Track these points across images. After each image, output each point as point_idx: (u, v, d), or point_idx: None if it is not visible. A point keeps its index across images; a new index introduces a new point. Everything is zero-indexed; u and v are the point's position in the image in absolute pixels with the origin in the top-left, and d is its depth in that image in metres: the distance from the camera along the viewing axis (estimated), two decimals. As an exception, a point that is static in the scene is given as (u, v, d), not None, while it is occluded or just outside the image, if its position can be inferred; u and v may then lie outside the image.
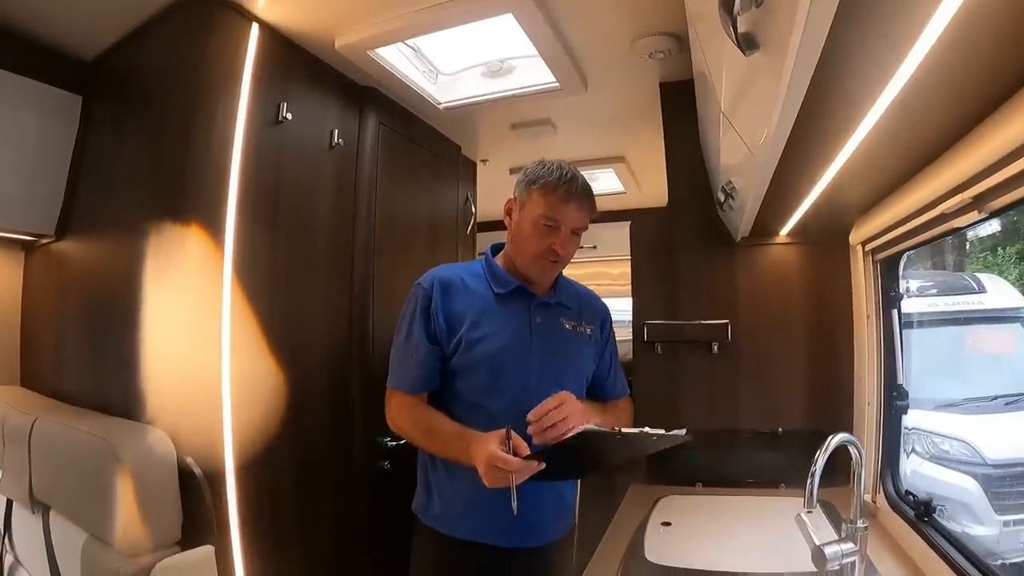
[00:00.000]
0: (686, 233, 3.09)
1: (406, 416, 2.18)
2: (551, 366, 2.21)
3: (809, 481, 1.53)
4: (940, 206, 1.64)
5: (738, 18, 0.92)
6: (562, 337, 2.29)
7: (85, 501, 2.20)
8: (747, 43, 1.00)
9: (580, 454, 1.93)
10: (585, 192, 2.15)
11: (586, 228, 2.22)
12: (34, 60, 2.74)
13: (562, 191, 2.11)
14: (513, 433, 1.83)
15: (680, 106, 2.97)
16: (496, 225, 6.08)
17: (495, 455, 1.77)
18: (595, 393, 2.42)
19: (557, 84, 2.99)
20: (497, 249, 2.40)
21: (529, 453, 1.80)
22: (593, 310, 2.46)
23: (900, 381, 2.42)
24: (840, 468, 2.57)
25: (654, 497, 2.68)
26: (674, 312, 3.06)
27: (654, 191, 4.50)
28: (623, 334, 5.18)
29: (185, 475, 2.13)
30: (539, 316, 2.25)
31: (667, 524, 2.37)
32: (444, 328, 2.16)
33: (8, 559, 2.81)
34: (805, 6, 0.77)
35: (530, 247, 2.17)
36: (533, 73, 3.02)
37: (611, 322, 2.55)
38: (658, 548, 2.13)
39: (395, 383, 2.22)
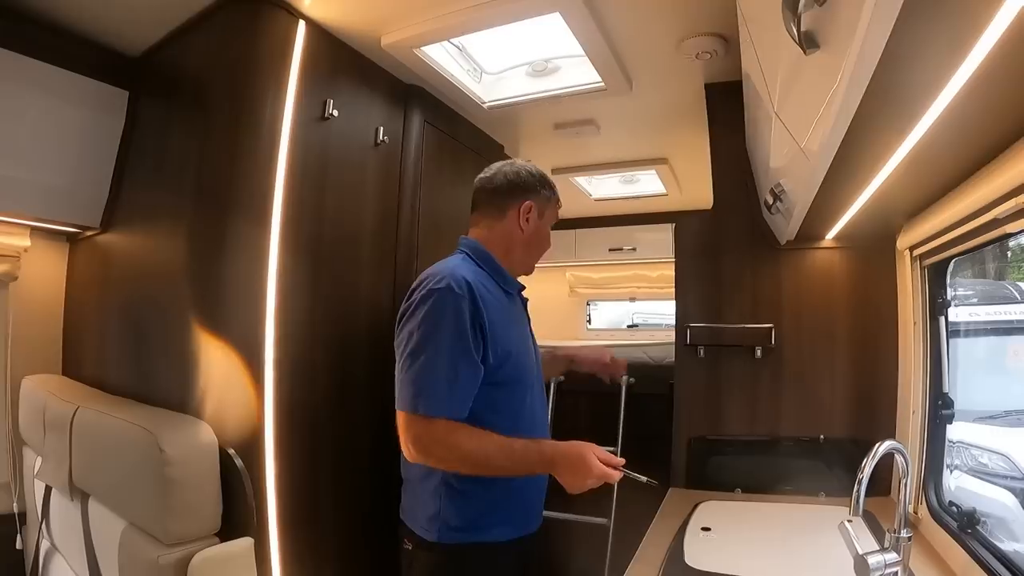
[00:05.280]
0: (731, 236, 3.05)
1: (461, 443, 1.88)
2: (538, 358, 2.35)
3: (856, 488, 1.51)
4: (993, 211, 1.61)
5: (801, 17, 0.91)
6: (531, 329, 2.39)
7: (125, 490, 2.23)
8: (808, 42, 0.99)
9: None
10: None
11: None
12: (81, 55, 2.80)
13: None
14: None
15: (726, 108, 2.94)
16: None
17: (600, 454, 1.91)
18: None
19: (602, 84, 2.98)
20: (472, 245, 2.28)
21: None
22: None
23: (946, 389, 2.39)
24: (880, 477, 2.55)
25: (693, 502, 2.65)
26: (717, 315, 3.03)
27: (695, 194, 4.49)
28: (661, 337, 5.18)
29: (226, 466, 2.15)
30: (528, 314, 2.39)
31: (707, 529, 2.34)
32: (492, 342, 2.00)
33: (44, 545, 2.87)
34: (871, 4, 0.76)
35: (541, 250, 2.33)
36: (578, 73, 3.01)
37: None
38: (698, 553, 2.10)
39: (438, 409, 1.88)
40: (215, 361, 2.26)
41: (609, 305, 7.07)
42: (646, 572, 2.01)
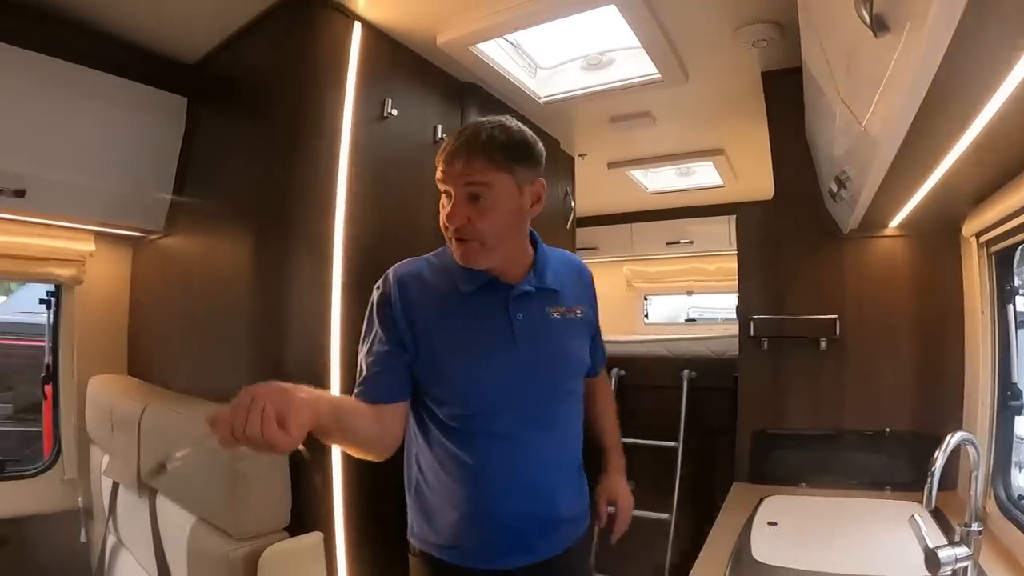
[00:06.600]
0: (793, 226, 3.02)
1: None
2: (544, 372, 1.84)
3: (928, 480, 1.48)
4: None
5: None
6: (552, 332, 1.88)
7: (194, 485, 2.26)
8: (879, 25, 0.98)
9: None
10: (470, 142, 1.70)
11: (487, 186, 1.70)
12: (140, 65, 2.89)
13: (447, 150, 1.73)
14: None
15: (784, 95, 2.92)
16: (596, 220, 6.05)
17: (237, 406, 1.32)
18: None
19: (658, 75, 2.97)
20: None
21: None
22: (581, 283, 2.04)
23: (1015, 380, 2.34)
24: (945, 471, 2.50)
25: (758, 496, 2.63)
26: (780, 307, 2.99)
27: (752, 184, 4.44)
28: (719, 331, 5.13)
29: (295, 462, 2.18)
30: (520, 312, 1.83)
31: (773, 524, 2.32)
32: (409, 336, 1.76)
33: (111, 539, 2.95)
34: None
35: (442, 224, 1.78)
36: (633, 65, 3.01)
37: (594, 286, 2.12)
38: (765, 548, 2.09)
39: (355, 393, 1.78)
40: (281, 359, 2.30)
41: (664, 299, 7.03)
42: (713, 567, 2.00)
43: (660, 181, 5.15)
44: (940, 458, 1.49)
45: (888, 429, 2.76)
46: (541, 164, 1.81)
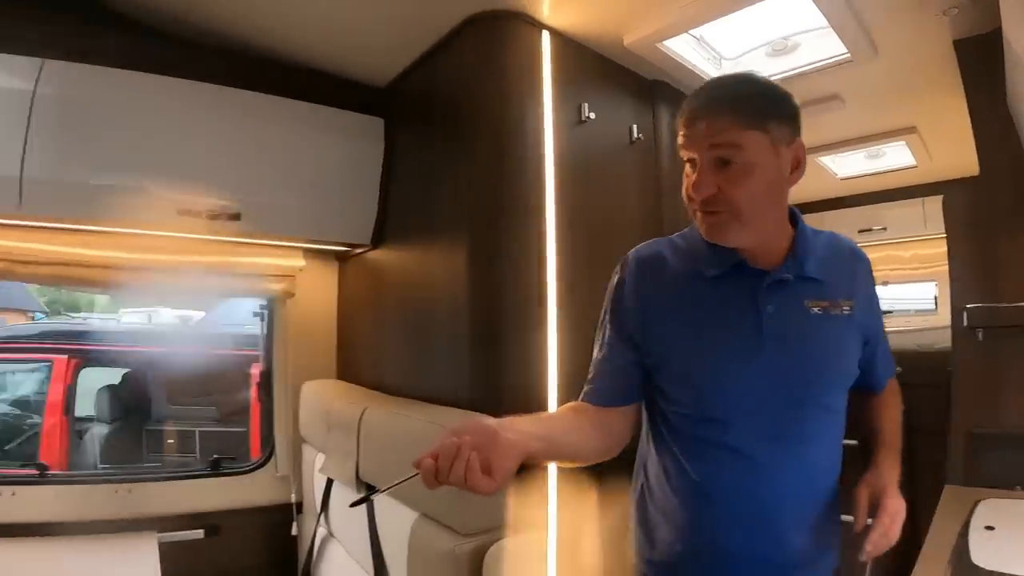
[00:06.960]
0: (1003, 203, 2.77)
1: None
2: (794, 378, 1.53)
3: None
4: None
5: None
6: (809, 329, 1.56)
7: (417, 483, 2.35)
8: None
9: None
10: (712, 99, 1.46)
11: (737, 147, 1.42)
12: (337, 92, 3.14)
13: (687, 110, 1.48)
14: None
15: (981, 63, 2.76)
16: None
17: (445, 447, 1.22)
18: (858, 384, 1.68)
19: (847, 55, 2.89)
20: None
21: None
22: (853, 273, 1.67)
23: None
24: None
25: (972, 500, 2.51)
26: (995, 293, 2.78)
27: (947, 162, 4.25)
28: (917, 323, 4.92)
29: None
30: (771, 303, 1.53)
31: (990, 528, 2.23)
32: (640, 327, 1.59)
33: (321, 532, 3.15)
34: None
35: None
36: (819, 47, 2.94)
37: (873, 277, 1.74)
38: (985, 554, 2.01)
39: (582, 394, 1.66)
40: (498, 363, 2.40)
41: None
42: (933, 573, 1.95)
43: (849, 166, 4.95)
44: None
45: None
46: (797, 121, 1.53)
